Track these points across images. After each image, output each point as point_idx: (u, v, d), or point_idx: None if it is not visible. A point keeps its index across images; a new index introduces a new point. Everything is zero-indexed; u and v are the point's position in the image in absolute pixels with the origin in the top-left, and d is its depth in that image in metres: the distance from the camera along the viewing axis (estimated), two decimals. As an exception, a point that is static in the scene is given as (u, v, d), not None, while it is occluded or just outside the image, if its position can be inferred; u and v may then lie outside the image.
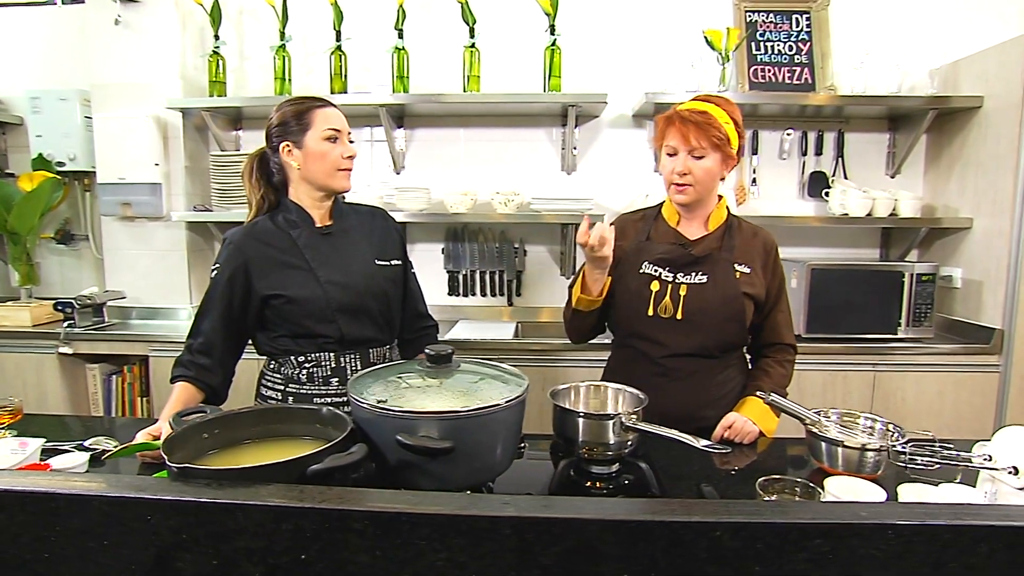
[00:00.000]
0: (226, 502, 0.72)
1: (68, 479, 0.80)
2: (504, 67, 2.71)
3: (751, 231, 1.50)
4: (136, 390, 2.61)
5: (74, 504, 0.73)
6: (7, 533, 0.74)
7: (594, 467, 1.13)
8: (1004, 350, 2.29)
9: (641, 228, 1.55)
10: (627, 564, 0.70)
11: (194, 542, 0.73)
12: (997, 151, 2.30)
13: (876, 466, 1.15)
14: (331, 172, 1.43)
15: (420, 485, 0.92)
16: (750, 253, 1.46)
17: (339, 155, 1.42)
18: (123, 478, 0.85)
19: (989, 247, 2.35)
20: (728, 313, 1.42)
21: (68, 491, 0.73)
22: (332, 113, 1.43)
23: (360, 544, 0.71)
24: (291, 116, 1.41)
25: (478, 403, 0.92)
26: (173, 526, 0.73)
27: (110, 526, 0.73)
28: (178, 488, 0.76)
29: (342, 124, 1.44)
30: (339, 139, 1.43)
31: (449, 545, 0.70)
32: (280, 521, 0.72)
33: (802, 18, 2.64)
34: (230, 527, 0.72)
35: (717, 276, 1.43)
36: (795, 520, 0.69)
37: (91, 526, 0.73)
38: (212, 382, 1.41)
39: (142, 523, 0.73)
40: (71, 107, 2.73)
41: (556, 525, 0.70)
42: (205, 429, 0.97)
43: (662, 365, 1.45)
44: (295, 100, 1.45)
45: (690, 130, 1.38)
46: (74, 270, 3.00)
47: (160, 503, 0.72)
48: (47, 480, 0.78)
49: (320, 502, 0.71)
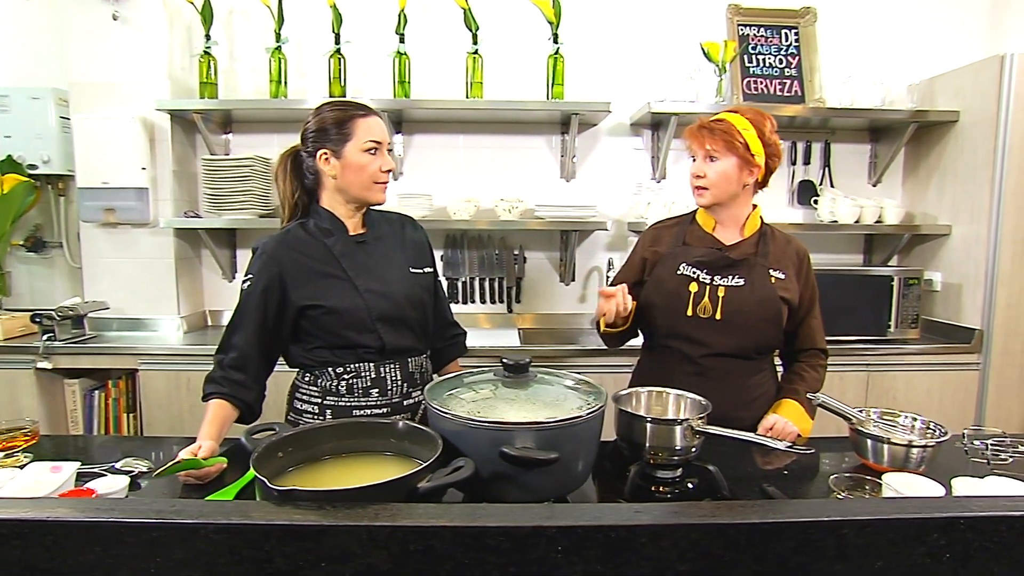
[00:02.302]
0: (350, 524, 0.69)
1: (170, 506, 0.75)
2: (503, 74, 2.72)
3: (784, 239, 1.55)
4: (122, 406, 2.47)
5: (177, 534, 0.69)
6: (102, 567, 0.69)
7: (659, 472, 1.14)
8: (983, 349, 2.44)
9: (676, 234, 1.58)
10: (759, 565, 0.71)
11: (312, 568, 0.69)
12: (974, 162, 2.46)
13: (920, 462, 1.21)
14: (368, 185, 1.39)
15: (509, 497, 0.91)
16: (784, 260, 1.51)
17: (378, 168, 1.38)
18: (223, 504, 0.80)
19: (967, 252, 2.50)
20: (765, 315, 1.46)
21: (170, 520, 0.69)
22: (375, 124, 1.38)
23: (494, 561, 0.69)
24: (331, 123, 1.36)
25: (568, 413, 0.92)
26: (289, 552, 0.69)
27: (218, 556, 0.69)
28: (292, 513, 0.72)
29: (383, 136, 1.38)
30: (379, 151, 1.38)
31: (585, 557, 0.70)
32: (409, 542, 0.69)
33: (791, 33, 2.76)
34: (354, 550, 0.69)
35: (754, 280, 1.47)
36: (915, 515, 0.72)
37: (196, 556, 0.69)
38: (247, 398, 1.35)
39: (256, 551, 0.69)
40: (44, 106, 2.58)
41: (693, 531, 0.70)
42: (279, 448, 0.93)
43: (700, 364, 1.48)
44: (337, 105, 1.40)
45: (704, 135, 1.46)
46: (45, 280, 2.82)
47: (275, 529, 0.69)
48: (143, 508, 0.73)
49: (452, 520, 0.69)
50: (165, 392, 2.33)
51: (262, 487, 0.79)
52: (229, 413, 1.32)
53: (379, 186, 1.40)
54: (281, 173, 1.44)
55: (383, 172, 1.39)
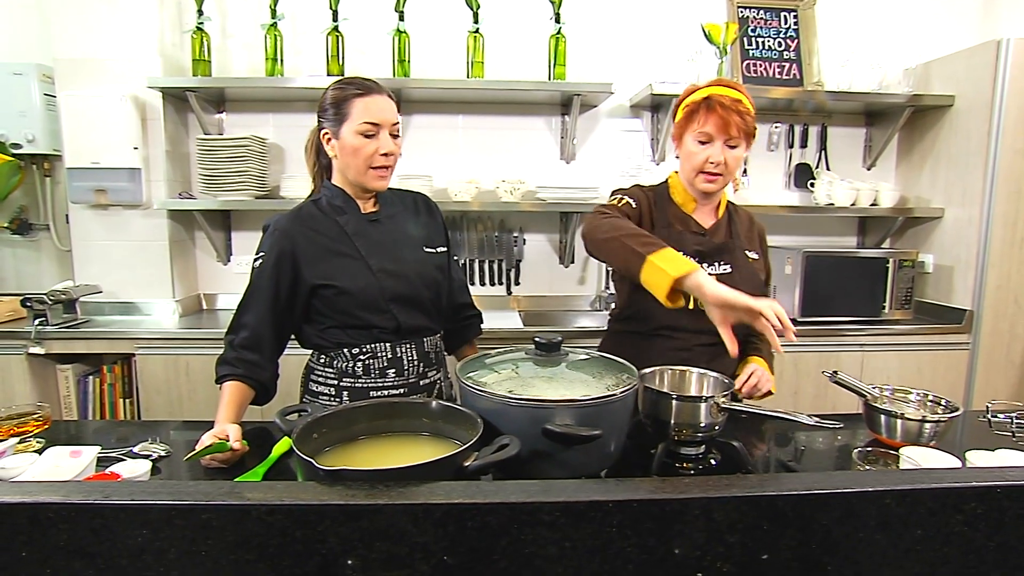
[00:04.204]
0: (405, 503, 0.69)
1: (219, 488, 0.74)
2: (505, 54, 2.68)
3: (747, 217, 1.52)
4: (117, 391, 2.42)
5: (229, 515, 0.68)
6: (151, 550, 0.67)
7: (684, 448, 1.16)
8: (973, 329, 2.51)
9: (655, 209, 1.45)
10: (805, 535, 0.73)
11: (367, 548, 0.69)
12: (968, 147, 2.50)
13: (932, 436, 1.24)
14: (362, 170, 1.31)
15: (544, 474, 0.91)
16: (752, 239, 1.49)
17: (373, 151, 1.30)
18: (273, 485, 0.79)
19: (960, 235, 2.56)
20: None
21: (222, 502, 0.68)
22: (373, 104, 1.29)
23: (549, 536, 0.70)
24: (330, 103, 1.31)
25: (602, 391, 0.92)
26: (343, 532, 0.68)
27: (270, 537, 0.68)
28: (345, 492, 0.71)
29: (383, 117, 1.29)
30: (377, 134, 1.29)
31: (640, 531, 0.70)
32: (466, 519, 0.69)
33: (790, 16, 2.76)
34: (408, 529, 0.69)
35: (738, 265, 1.44)
36: (952, 484, 0.74)
37: (248, 538, 0.68)
38: (262, 378, 1.33)
39: (309, 531, 0.68)
40: (28, 83, 2.48)
41: (744, 503, 0.71)
42: (314, 428, 0.92)
43: (692, 351, 1.41)
44: (338, 84, 1.34)
45: (731, 118, 1.32)
46: (31, 263, 2.74)
47: (329, 509, 0.68)
48: (192, 490, 0.72)
49: (508, 496, 0.70)
50: (163, 377, 2.29)
51: (307, 467, 0.78)
52: (245, 394, 1.31)
53: (375, 171, 1.32)
54: (309, 149, 1.41)
55: (382, 156, 1.31)
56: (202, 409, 2.27)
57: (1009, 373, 2.54)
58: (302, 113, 2.68)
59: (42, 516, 0.65)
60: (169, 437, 1.33)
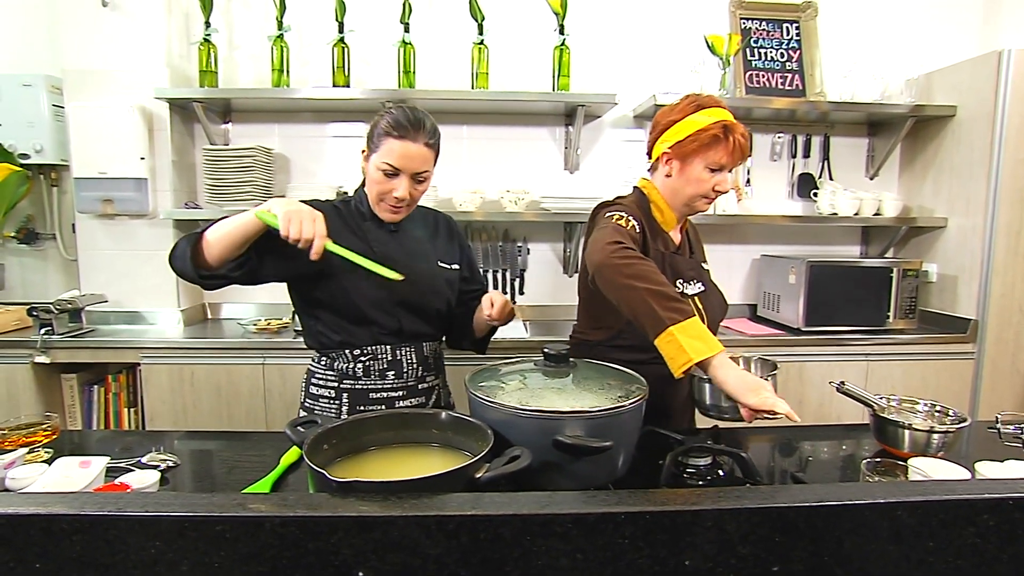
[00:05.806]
0: (419, 515, 0.69)
1: (232, 500, 0.74)
2: (509, 65, 2.70)
3: (695, 229, 1.52)
4: (122, 400, 2.42)
5: (242, 527, 0.68)
6: (164, 562, 0.67)
7: (692, 458, 1.16)
8: (978, 338, 2.51)
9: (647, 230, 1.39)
10: (817, 547, 0.73)
11: (380, 559, 0.69)
12: (971, 157, 2.51)
13: (940, 446, 1.24)
14: (375, 201, 1.38)
15: (552, 486, 0.91)
16: (702, 250, 1.51)
17: (388, 191, 1.34)
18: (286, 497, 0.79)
19: (963, 244, 2.56)
20: (723, 314, 1.45)
21: (235, 514, 0.68)
22: (403, 149, 1.30)
23: (562, 548, 0.70)
24: (372, 129, 1.35)
25: (612, 402, 0.93)
26: (357, 544, 0.68)
27: (283, 549, 0.68)
28: (358, 504, 0.71)
29: (405, 164, 1.31)
30: (397, 176, 1.32)
31: (651, 542, 0.70)
32: (479, 531, 0.69)
33: (792, 27, 2.78)
34: (421, 541, 0.69)
35: (705, 281, 1.44)
36: (965, 496, 0.74)
37: (261, 550, 0.68)
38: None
39: (322, 543, 0.68)
40: (36, 94, 2.50)
41: (755, 514, 0.71)
42: (325, 440, 0.92)
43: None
44: (389, 114, 1.33)
45: (744, 151, 1.34)
46: (38, 272, 2.75)
47: (342, 521, 0.68)
48: (204, 502, 0.72)
49: (521, 508, 0.70)
50: (168, 386, 2.29)
51: (319, 479, 0.79)
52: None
53: (385, 206, 1.37)
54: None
55: (393, 196, 1.34)
56: (207, 419, 2.27)
57: (1015, 382, 2.53)
58: (308, 124, 2.70)
59: (56, 528, 0.65)
60: (174, 447, 1.34)
